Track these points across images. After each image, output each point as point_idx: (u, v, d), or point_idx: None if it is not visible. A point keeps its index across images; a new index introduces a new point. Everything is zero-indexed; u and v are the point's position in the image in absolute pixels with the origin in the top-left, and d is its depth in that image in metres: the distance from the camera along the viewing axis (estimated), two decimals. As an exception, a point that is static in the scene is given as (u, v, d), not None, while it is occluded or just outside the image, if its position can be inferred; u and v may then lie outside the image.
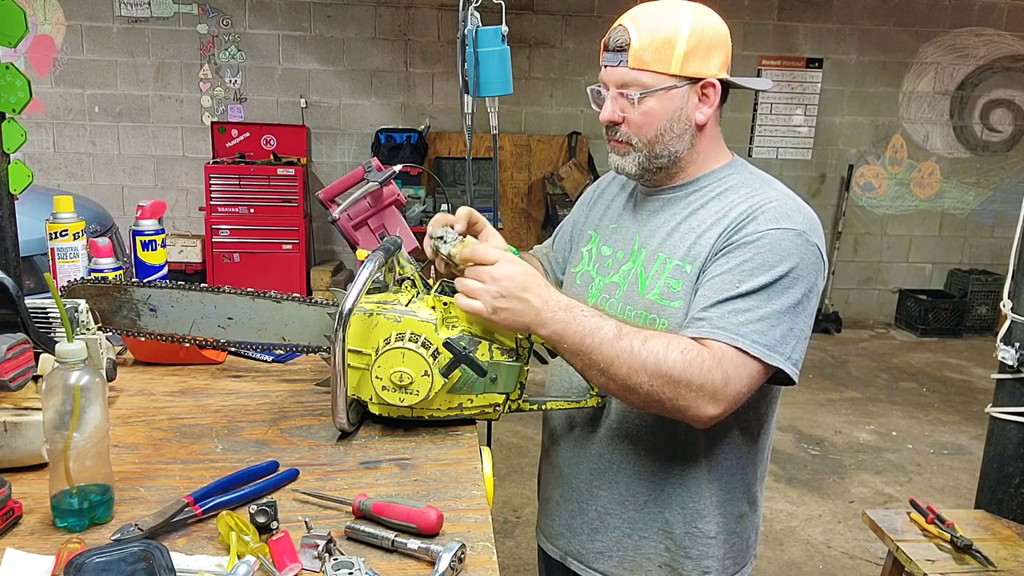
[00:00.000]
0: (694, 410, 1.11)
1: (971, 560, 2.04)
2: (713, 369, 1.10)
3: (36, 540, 0.97)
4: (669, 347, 1.11)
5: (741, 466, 1.31)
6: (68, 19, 5.38)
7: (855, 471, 3.88)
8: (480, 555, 0.98)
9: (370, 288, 1.24)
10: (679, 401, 1.11)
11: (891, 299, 6.54)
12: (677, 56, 1.19)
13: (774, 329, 1.13)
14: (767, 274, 1.14)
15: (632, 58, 1.20)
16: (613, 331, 1.13)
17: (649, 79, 1.20)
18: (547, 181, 5.79)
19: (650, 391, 1.11)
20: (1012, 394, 2.40)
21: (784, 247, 1.15)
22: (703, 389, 1.10)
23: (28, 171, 1.57)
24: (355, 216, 1.64)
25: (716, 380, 1.10)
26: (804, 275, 1.15)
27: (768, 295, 1.14)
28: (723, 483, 1.30)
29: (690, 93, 1.23)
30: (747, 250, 1.16)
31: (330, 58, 5.64)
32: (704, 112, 1.24)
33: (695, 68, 1.21)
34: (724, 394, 1.11)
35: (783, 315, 1.14)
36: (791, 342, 1.15)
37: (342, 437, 1.27)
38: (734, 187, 1.26)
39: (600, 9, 5.79)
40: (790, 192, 1.25)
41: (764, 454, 1.36)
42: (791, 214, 1.19)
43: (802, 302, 1.15)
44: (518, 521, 3.31)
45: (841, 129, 6.23)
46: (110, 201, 5.31)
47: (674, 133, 1.24)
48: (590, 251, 1.42)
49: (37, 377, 1.17)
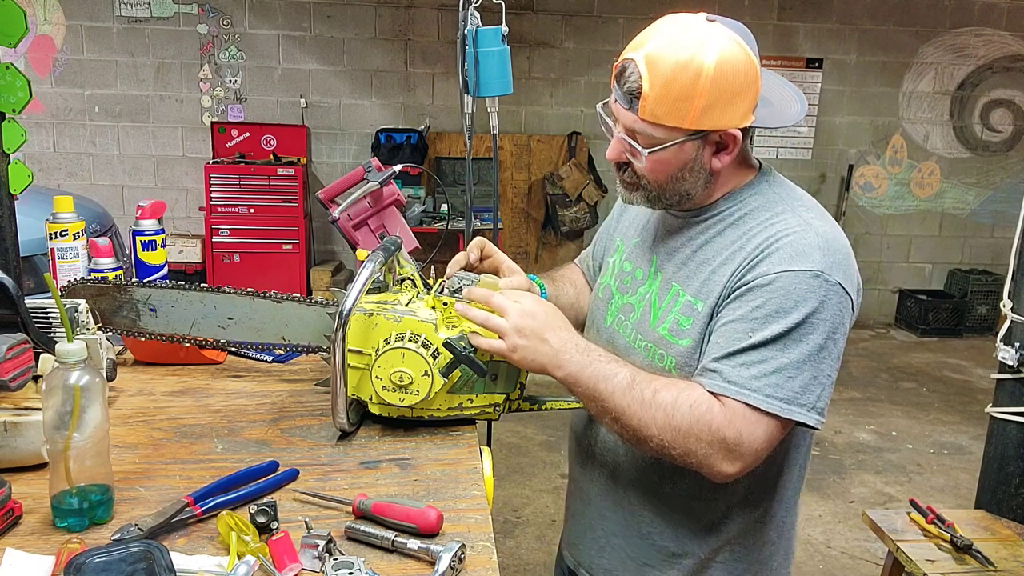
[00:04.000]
0: (708, 467, 1.07)
1: (971, 560, 2.04)
2: (724, 428, 1.04)
3: (36, 540, 0.97)
4: (679, 400, 1.06)
5: (764, 499, 1.23)
6: (68, 19, 5.38)
7: (855, 471, 3.88)
8: (480, 555, 0.98)
9: (370, 288, 1.24)
10: (690, 458, 1.07)
11: (891, 299, 6.54)
12: (695, 111, 1.05)
13: (792, 381, 1.05)
14: (781, 322, 1.05)
15: (643, 110, 1.07)
16: (626, 380, 1.09)
17: (661, 133, 1.08)
18: (547, 181, 5.79)
19: (661, 444, 1.07)
20: (1012, 394, 2.40)
21: (800, 291, 1.05)
22: (713, 447, 1.05)
23: (28, 171, 1.57)
24: (355, 216, 1.64)
25: (728, 439, 1.04)
26: (825, 318, 1.05)
27: (784, 345, 1.05)
28: (741, 517, 1.22)
29: (706, 144, 1.11)
30: (759, 294, 1.07)
31: (330, 58, 5.64)
32: (722, 160, 1.12)
33: (714, 121, 1.07)
34: (739, 452, 1.05)
35: (803, 364, 1.05)
36: (815, 391, 1.06)
37: (342, 437, 1.27)
38: (754, 211, 1.15)
39: (600, 9, 5.79)
40: (814, 213, 1.13)
41: (792, 485, 1.26)
42: (808, 252, 1.07)
43: (826, 346, 1.06)
44: (518, 521, 3.31)
45: (841, 129, 6.23)
46: (110, 201, 5.31)
47: (688, 181, 1.14)
48: (614, 263, 1.35)
49: (37, 377, 1.17)
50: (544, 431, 4.14)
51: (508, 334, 1.14)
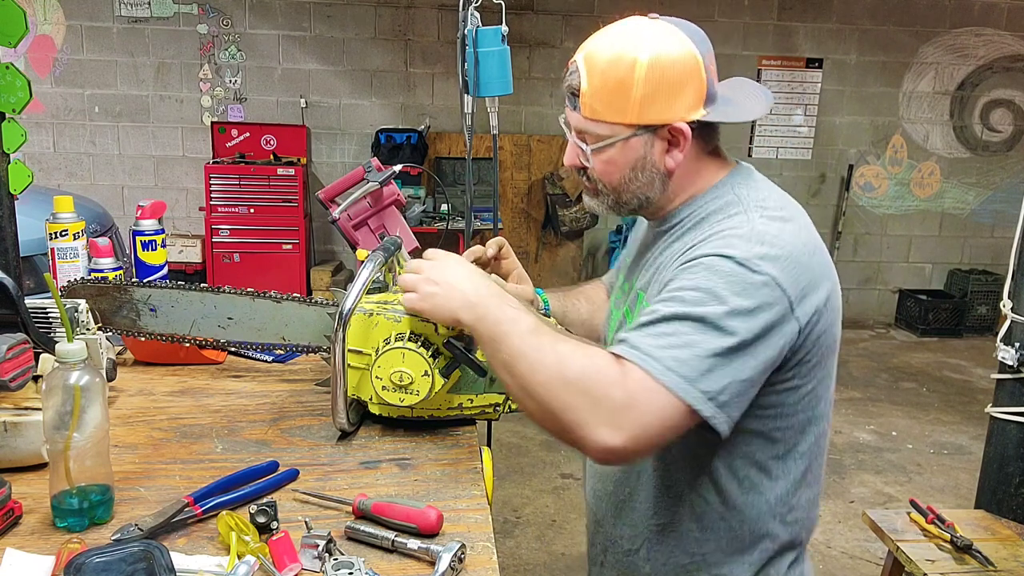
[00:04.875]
0: (587, 430, 0.95)
1: (971, 560, 2.04)
2: (615, 386, 0.95)
3: (36, 540, 0.97)
4: (576, 352, 0.99)
5: (750, 521, 1.13)
6: (68, 19, 5.38)
7: (855, 471, 3.88)
8: (480, 555, 0.98)
9: (370, 288, 1.24)
10: (570, 414, 0.96)
11: (891, 299, 6.54)
12: (633, 103, 1.03)
13: (698, 362, 0.95)
14: (704, 306, 0.96)
15: (585, 106, 1.07)
16: (530, 325, 1.03)
17: (604, 130, 1.07)
18: (547, 181, 5.79)
19: (544, 395, 0.99)
20: (1012, 394, 2.40)
21: (721, 276, 0.98)
22: (600, 404, 0.95)
23: (28, 171, 1.57)
24: (355, 216, 1.64)
25: (616, 398, 0.95)
26: (748, 310, 0.96)
27: (699, 327, 0.96)
28: (721, 540, 1.14)
29: (654, 140, 1.07)
30: (682, 277, 1.01)
31: (330, 58, 5.64)
32: (675, 158, 1.08)
33: (656, 115, 1.04)
34: (626, 419, 0.94)
35: (716, 353, 0.95)
36: (720, 381, 0.95)
37: (342, 437, 1.27)
38: (710, 215, 1.10)
39: (600, 9, 5.79)
40: (769, 215, 1.05)
41: (796, 504, 1.14)
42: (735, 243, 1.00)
43: (746, 343, 0.96)
44: (518, 521, 3.31)
45: (841, 129, 6.23)
46: (110, 201, 5.30)
47: (640, 181, 1.10)
48: (618, 280, 1.34)
49: (37, 377, 1.17)
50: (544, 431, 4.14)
51: (419, 285, 1.13)
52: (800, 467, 1.13)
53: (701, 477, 1.13)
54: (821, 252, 1.06)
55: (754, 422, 1.07)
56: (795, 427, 1.10)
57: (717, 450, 1.10)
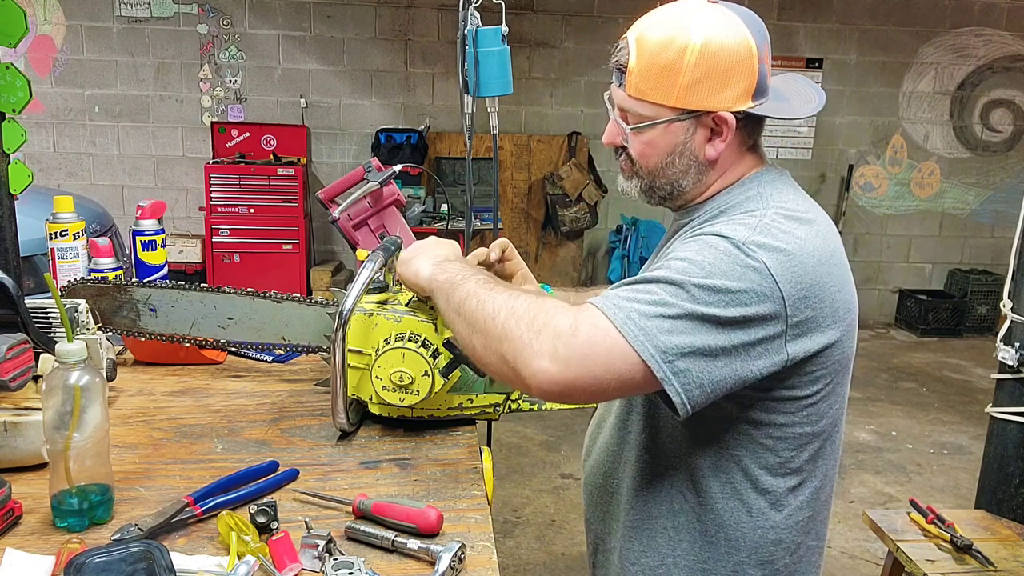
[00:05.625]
0: (526, 355, 0.93)
1: (971, 560, 2.04)
2: (563, 317, 0.93)
3: (36, 540, 0.97)
4: (532, 297, 1.00)
5: (727, 527, 1.09)
6: (68, 19, 5.38)
7: (855, 471, 3.88)
8: (480, 555, 0.98)
9: (370, 288, 1.24)
10: (510, 343, 0.94)
11: (891, 299, 6.54)
12: (680, 86, 1.01)
13: (664, 321, 0.91)
14: (685, 275, 0.94)
15: (630, 84, 1.04)
16: (486, 279, 1.06)
17: (648, 111, 1.05)
18: (547, 181, 5.79)
19: (491, 326, 0.97)
20: (1012, 394, 2.40)
21: (713, 253, 0.96)
22: (542, 333, 0.92)
23: (28, 171, 1.57)
24: (355, 216, 1.64)
25: (562, 326, 0.92)
26: (731, 294, 0.93)
27: (677, 291, 0.93)
28: (695, 543, 1.11)
29: (697, 127, 1.05)
30: (679, 248, 1.01)
31: (330, 58, 5.64)
32: (716, 147, 1.06)
33: (702, 101, 1.02)
34: (566, 349, 0.91)
35: (688, 319, 0.92)
36: (680, 343, 0.91)
37: (342, 437, 1.27)
38: (728, 209, 1.07)
39: (600, 9, 5.79)
40: (781, 215, 1.01)
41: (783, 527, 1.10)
42: (736, 228, 0.98)
43: (721, 323, 0.92)
44: (518, 521, 3.31)
45: (841, 129, 6.23)
46: (110, 201, 5.31)
47: (677, 167, 1.08)
48: None
49: (37, 377, 1.17)
50: (544, 431, 4.14)
51: (402, 256, 1.20)
52: (789, 483, 1.08)
53: (683, 472, 1.11)
54: (834, 262, 1.03)
55: (744, 424, 1.05)
56: (790, 438, 1.06)
57: (705, 447, 1.08)
